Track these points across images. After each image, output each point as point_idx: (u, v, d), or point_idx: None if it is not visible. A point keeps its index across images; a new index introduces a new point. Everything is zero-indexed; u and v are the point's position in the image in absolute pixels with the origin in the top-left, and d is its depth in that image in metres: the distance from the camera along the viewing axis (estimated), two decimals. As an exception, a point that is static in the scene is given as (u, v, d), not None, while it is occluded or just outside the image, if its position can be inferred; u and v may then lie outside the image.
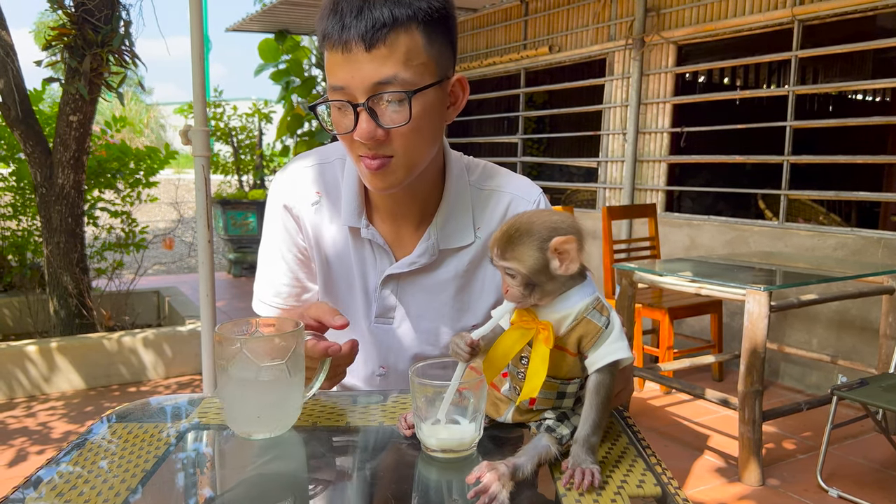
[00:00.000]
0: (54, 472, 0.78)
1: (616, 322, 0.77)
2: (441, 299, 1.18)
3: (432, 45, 0.98)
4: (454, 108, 1.09)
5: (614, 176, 5.31)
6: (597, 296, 0.78)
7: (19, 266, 4.98)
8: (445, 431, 0.78)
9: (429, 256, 1.15)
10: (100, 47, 3.92)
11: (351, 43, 0.94)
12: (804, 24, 4.06)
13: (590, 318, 0.76)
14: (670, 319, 3.79)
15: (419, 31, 0.96)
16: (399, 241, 1.18)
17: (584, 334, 0.76)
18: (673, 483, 0.75)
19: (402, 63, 0.95)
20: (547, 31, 5.84)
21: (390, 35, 0.94)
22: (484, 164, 1.24)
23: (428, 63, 0.98)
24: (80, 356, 3.96)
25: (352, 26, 0.94)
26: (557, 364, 0.77)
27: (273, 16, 7.72)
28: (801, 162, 4.26)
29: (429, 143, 1.06)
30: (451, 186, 1.16)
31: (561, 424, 0.78)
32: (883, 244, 3.71)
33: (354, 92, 0.96)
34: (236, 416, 0.88)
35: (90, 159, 4.52)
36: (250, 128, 8.61)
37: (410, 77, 0.96)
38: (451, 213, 1.16)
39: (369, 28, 0.93)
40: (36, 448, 3.16)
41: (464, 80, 1.08)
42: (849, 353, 3.82)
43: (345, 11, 0.94)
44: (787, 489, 2.80)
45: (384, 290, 1.18)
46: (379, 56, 0.94)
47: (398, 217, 1.16)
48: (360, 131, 0.97)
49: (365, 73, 0.95)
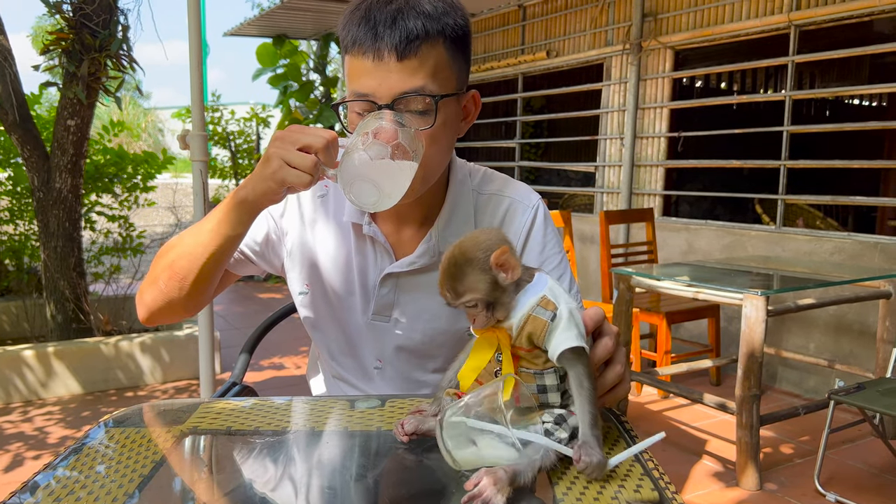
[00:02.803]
0: (51, 478, 0.78)
1: (563, 313, 0.78)
2: (439, 300, 1.17)
3: (455, 60, 1.03)
4: (466, 122, 1.13)
5: (612, 180, 5.31)
6: (542, 294, 0.79)
7: (16, 270, 4.97)
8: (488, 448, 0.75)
9: (429, 257, 1.16)
10: (98, 52, 3.92)
11: (384, 52, 0.96)
12: (801, 30, 4.07)
13: (535, 314, 0.78)
14: (668, 324, 3.79)
15: (444, 46, 1.00)
16: (400, 240, 1.19)
17: (532, 331, 0.78)
18: (671, 488, 0.75)
19: (431, 75, 0.99)
20: (545, 35, 5.85)
21: (422, 48, 0.97)
22: (484, 170, 1.26)
23: (450, 77, 1.03)
24: (78, 361, 3.95)
25: (385, 36, 0.96)
26: (528, 358, 0.80)
27: (271, 20, 7.74)
28: (797, 166, 4.27)
29: (445, 154, 1.10)
30: (454, 190, 1.18)
31: (559, 428, 0.78)
32: (880, 248, 3.72)
33: (380, 100, 0.99)
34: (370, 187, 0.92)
35: (88, 163, 4.52)
36: (248, 132, 8.60)
37: (436, 89, 1.00)
38: (452, 216, 1.17)
39: (403, 39, 0.96)
40: (33, 453, 3.15)
41: (477, 96, 1.12)
42: (846, 358, 3.82)
43: (378, 21, 0.97)
44: (785, 493, 2.80)
45: (383, 288, 1.19)
46: (409, 67, 0.97)
47: (401, 218, 1.18)
48: (383, 131, 0.98)
49: (393, 81, 0.98)
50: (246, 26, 8.06)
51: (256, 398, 1.11)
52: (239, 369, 1.51)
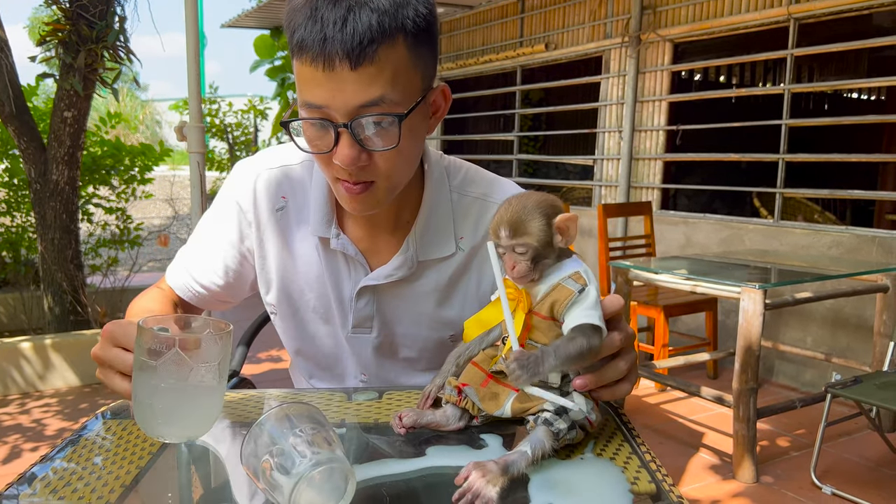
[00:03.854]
0: (49, 469, 0.78)
1: (592, 292, 0.79)
2: (420, 309, 1.13)
3: (419, 57, 0.90)
4: (435, 118, 1.00)
5: (610, 174, 5.31)
6: (577, 270, 0.81)
7: (13, 263, 4.96)
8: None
9: (407, 269, 1.09)
10: (94, 43, 3.91)
11: (335, 60, 0.84)
12: (800, 23, 4.06)
13: (564, 284, 0.80)
14: (665, 317, 3.79)
15: (405, 43, 0.87)
16: (374, 247, 1.11)
17: (557, 299, 0.79)
18: (667, 480, 0.75)
19: (390, 82, 0.87)
20: (543, 28, 5.84)
21: (379, 51, 0.85)
22: (467, 167, 1.16)
23: (414, 78, 0.91)
24: (75, 353, 3.95)
25: (335, 39, 0.83)
26: (541, 329, 0.80)
27: (268, 12, 7.70)
28: (796, 160, 4.27)
29: (412, 163, 1.00)
30: (430, 192, 1.09)
31: (559, 418, 0.78)
32: (877, 242, 3.72)
33: (335, 112, 0.88)
34: (163, 418, 0.79)
35: (85, 155, 4.51)
36: (246, 124, 8.60)
37: (398, 97, 0.88)
38: (429, 222, 1.09)
39: (356, 44, 0.83)
40: (30, 445, 3.15)
41: (447, 90, 1.00)
42: (843, 351, 3.83)
43: (326, 20, 0.84)
44: (782, 486, 2.81)
45: (360, 300, 1.11)
46: (365, 75, 0.85)
47: (373, 223, 1.09)
48: (342, 156, 0.90)
49: (349, 93, 0.86)
50: (243, 18, 8.03)
51: (255, 390, 1.10)
52: (237, 361, 1.51)
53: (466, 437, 0.85)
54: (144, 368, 0.77)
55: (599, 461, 0.79)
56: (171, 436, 0.81)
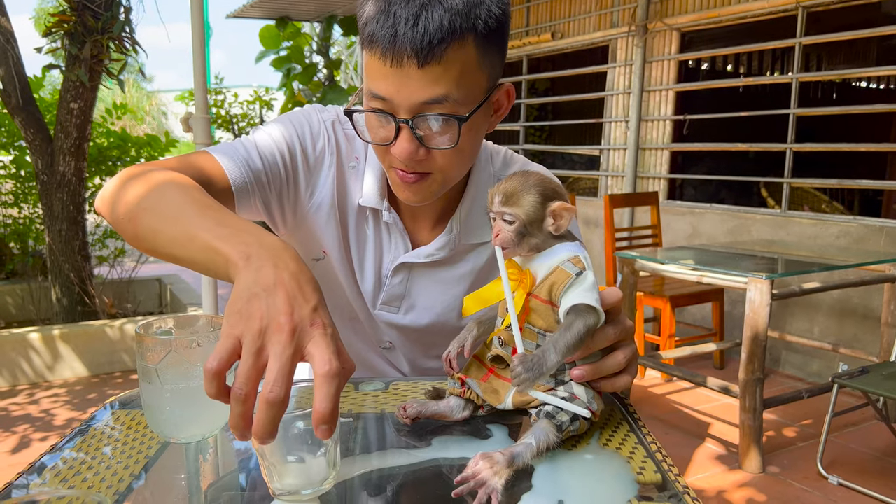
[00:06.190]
0: (58, 459, 0.78)
1: (589, 276, 0.79)
2: (453, 293, 1.14)
3: (487, 57, 0.91)
4: (497, 116, 1.01)
5: (616, 164, 5.29)
6: (577, 254, 0.80)
7: (21, 254, 4.99)
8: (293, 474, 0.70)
9: (448, 250, 1.10)
10: (100, 34, 3.91)
11: (403, 56, 0.85)
12: (808, 11, 4.03)
13: (563, 267, 0.80)
14: (672, 308, 3.79)
15: (474, 43, 0.88)
16: (417, 228, 1.12)
17: (555, 282, 0.79)
18: (673, 470, 0.75)
19: (455, 81, 0.88)
20: (549, 17, 5.81)
21: (447, 51, 0.85)
22: (504, 150, 1.18)
23: (480, 78, 0.91)
24: (83, 344, 3.98)
25: (405, 37, 0.84)
26: (538, 312, 0.80)
27: (274, 2, 7.70)
28: (804, 150, 4.24)
29: (470, 159, 1.02)
30: (475, 178, 1.11)
31: (561, 410, 0.78)
32: (885, 232, 3.70)
33: (398, 106, 0.89)
34: (174, 421, 0.80)
35: (91, 146, 4.52)
36: (251, 115, 8.60)
37: (462, 96, 0.89)
38: (474, 206, 1.11)
39: (426, 43, 0.84)
40: (39, 435, 3.18)
41: (511, 90, 1.00)
42: (850, 342, 3.82)
43: (399, 16, 0.85)
44: (788, 476, 2.81)
45: (395, 277, 1.13)
46: (431, 73, 0.86)
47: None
48: (401, 150, 0.92)
49: (414, 89, 0.87)
50: (249, 8, 8.02)
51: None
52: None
53: (472, 427, 0.85)
54: (148, 374, 0.78)
55: (605, 451, 0.79)
56: (185, 437, 0.82)
